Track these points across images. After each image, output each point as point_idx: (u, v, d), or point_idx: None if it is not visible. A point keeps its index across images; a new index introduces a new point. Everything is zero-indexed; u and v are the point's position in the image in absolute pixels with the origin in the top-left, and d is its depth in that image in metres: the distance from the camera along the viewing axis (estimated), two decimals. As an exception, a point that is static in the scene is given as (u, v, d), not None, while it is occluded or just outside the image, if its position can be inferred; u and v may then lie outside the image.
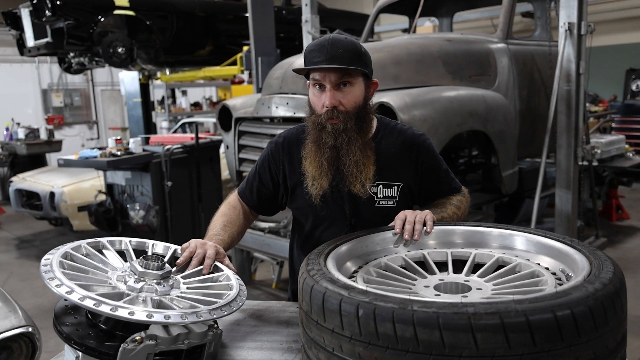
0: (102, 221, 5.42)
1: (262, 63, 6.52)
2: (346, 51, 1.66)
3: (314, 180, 1.75)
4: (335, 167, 1.73)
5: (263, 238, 4.04)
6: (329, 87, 1.68)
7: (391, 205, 1.81)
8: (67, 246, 1.49)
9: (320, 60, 1.66)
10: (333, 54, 1.65)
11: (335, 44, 1.67)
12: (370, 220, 1.79)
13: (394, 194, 1.81)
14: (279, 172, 1.91)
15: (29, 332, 2.12)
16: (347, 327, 1.12)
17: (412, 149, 1.84)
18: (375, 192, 1.80)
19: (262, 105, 3.99)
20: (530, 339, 1.02)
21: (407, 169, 1.83)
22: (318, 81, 1.70)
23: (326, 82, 1.68)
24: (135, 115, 9.45)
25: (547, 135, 4.20)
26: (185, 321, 1.27)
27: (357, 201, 1.80)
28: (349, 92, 1.70)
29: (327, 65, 1.64)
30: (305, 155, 1.78)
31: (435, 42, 4.22)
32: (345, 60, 1.66)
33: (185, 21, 8.00)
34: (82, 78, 13.50)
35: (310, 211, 1.86)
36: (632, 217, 6.74)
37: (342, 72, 1.66)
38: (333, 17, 8.58)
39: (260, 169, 1.95)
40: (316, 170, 1.74)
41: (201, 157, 5.44)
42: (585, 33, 4.12)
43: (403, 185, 1.82)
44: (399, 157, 1.82)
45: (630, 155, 6.25)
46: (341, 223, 1.83)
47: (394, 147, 1.83)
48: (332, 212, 1.82)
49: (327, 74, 1.67)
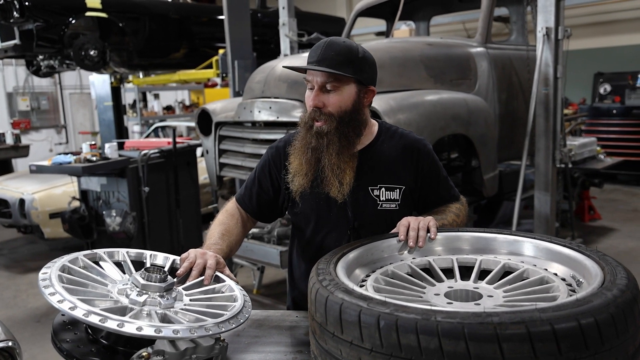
0: (77, 228, 5.27)
1: (238, 66, 6.45)
2: (338, 55, 1.68)
3: (295, 177, 1.78)
4: (315, 168, 1.75)
5: (246, 244, 3.99)
6: (316, 88, 1.71)
7: (394, 209, 1.81)
8: (64, 259, 1.43)
9: (311, 61, 1.70)
10: (324, 56, 1.67)
11: (330, 46, 1.69)
12: (373, 224, 1.80)
13: (396, 197, 1.82)
14: (280, 176, 1.89)
15: (9, 346, 2.04)
16: (368, 339, 1.10)
17: (413, 153, 1.86)
18: (378, 195, 1.80)
19: (244, 110, 3.94)
20: (556, 348, 1.01)
21: (408, 172, 1.84)
22: (309, 81, 1.73)
23: (314, 82, 1.71)
24: (106, 119, 9.24)
25: (527, 138, 4.25)
26: (194, 335, 1.23)
27: (359, 205, 1.79)
28: (334, 96, 1.71)
29: (314, 67, 1.68)
30: (292, 151, 1.81)
31: (416, 46, 4.24)
32: (334, 63, 1.67)
33: (159, 23, 7.86)
34: (50, 81, 13.17)
35: (313, 216, 1.84)
36: (604, 218, 6.88)
37: (328, 74, 1.68)
38: (308, 20, 8.53)
39: (260, 174, 1.94)
40: (297, 167, 1.78)
41: (178, 162, 5.35)
42: (562, 38, 4.18)
43: (405, 189, 1.83)
44: (400, 160, 1.83)
45: (601, 157, 6.40)
46: (344, 227, 1.82)
47: (395, 150, 1.84)
48: (335, 216, 1.81)
49: (314, 76, 1.70)
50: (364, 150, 1.83)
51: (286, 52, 6.11)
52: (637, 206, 7.68)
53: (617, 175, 8.93)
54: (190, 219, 5.57)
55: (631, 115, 8.76)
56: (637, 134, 8.66)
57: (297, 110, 3.64)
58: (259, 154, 3.89)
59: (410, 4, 5.18)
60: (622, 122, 8.82)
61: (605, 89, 9.29)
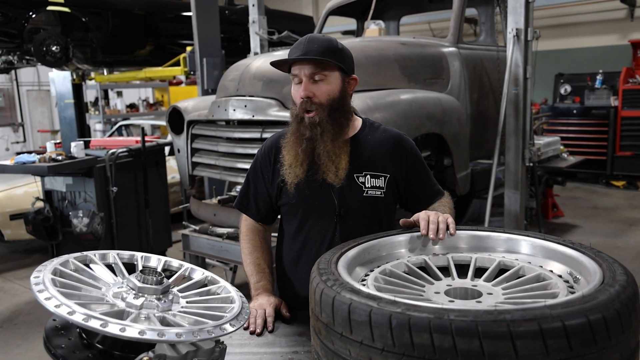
0: (41, 230, 5.09)
1: (207, 64, 6.37)
2: (320, 46, 1.77)
3: (290, 169, 1.83)
4: (310, 157, 1.81)
5: (221, 244, 3.93)
6: (305, 79, 1.78)
7: (379, 196, 1.87)
8: (54, 262, 1.37)
9: (296, 54, 1.77)
10: (309, 49, 1.76)
11: (312, 40, 1.79)
12: (359, 211, 1.86)
13: (381, 185, 1.87)
14: (269, 174, 1.94)
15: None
16: (379, 339, 1.09)
17: (397, 145, 1.92)
18: (364, 181, 1.86)
19: (218, 108, 3.88)
20: (567, 344, 1.02)
21: (394, 162, 1.89)
22: (296, 75, 1.80)
23: (302, 75, 1.78)
24: (67, 117, 8.99)
25: (498, 137, 4.33)
26: (197, 338, 1.20)
27: (345, 191, 1.83)
28: (322, 85, 1.79)
29: (304, 57, 1.75)
30: (284, 145, 1.87)
31: (390, 45, 4.26)
32: (319, 54, 1.76)
33: (124, 19, 7.66)
34: (5, 77, 12.73)
35: (300, 204, 1.88)
36: (566, 215, 7.08)
37: (315, 65, 1.77)
38: (276, 18, 8.47)
39: (254, 178, 1.99)
40: (292, 159, 1.83)
41: (147, 161, 5.24)
42: (532, 39, 4.27)
43: (390, 177, 1.88)
44: (385, 150, 1.89)
45: (565, 156, 6.58)
46: (331, 214, 1.86)
47: (379, 142, 1.90)
48: (321, 203, 1.85)
49: (302, 67, 1.78)
50: (350, 140, 1.89)
51: (256, 50, 6.06)
52: (597, 203, 7.93)
53: (577, 174, 9.20)
54: (159, 219, 5.46)
55: (590, 115, 9.04)
56: (595, 134, 8.94)
57: (273, 109, 3.61)
58: (233, 153, 3.85)
59: (380, 2, 5.21)
60: (581, 121, 9.09)
61: (565, 90, 9.55)
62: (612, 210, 7.52)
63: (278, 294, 2.01)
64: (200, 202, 4.50)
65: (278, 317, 1.80)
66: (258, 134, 3.68)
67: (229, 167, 3.90)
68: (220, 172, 4.00)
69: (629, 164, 8.71)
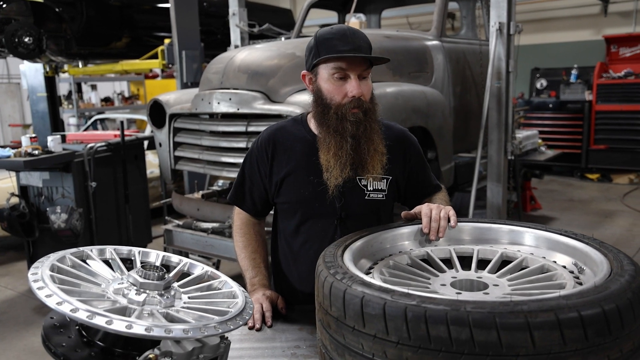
0: (17, 226, 4.95)
1: (186, 57, 6.28)
2: (365, 43, 1.69)
3: (330, 171, 1.72)
4: (352, 156, 1.72)
5: (206, 239, 3.88)
6: (355, 77, 1.67)
7: (380, 199, 1.83)
8: (50, 258, 1.32)
9: (347, 49, 1.65)
10: (358, 44, 1.66)
11: (355, 34, 1.69)
12: (359, 214, 1.81)
13: (383, 187, 1.83)
14: (266, 168, 1.87)
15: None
16: (394, 332, 1.08)
17: (400, 143, 1.87)
18: (366, 184, 1.81)
19: (202, 101, 3.82)
20: (583, 334, 1.02)
21: (396, 162, 1.84)
22: (343, 70, 1.67)
23: (351, 71, 1.66)
24: (39, 111, 8.76)
25: (482, 130, 4.36)
26: (205, 334, 1.17)
27: (347, 194, 1.79)
28: (367, 83, 1.72)
29: (357, 54, 1.64)
30: (321, 146, 1.75)
31: (374, 38, 4.18)
32: (369, 52, 1.68)
33: (98, 10, 7.48)
34: (-27, 70, 12.41)
35: (300, 205, 1.83)
36: (544, 208, 7.18)
37: (367, 63, 1.68)
38: (254, 10, 8.37)
39: (250, 171, 1.93)
40: (334, 160, 1.71)
41: (127, 156, 5.14)
42: (514, 33, 4.30)
43: (392, 179, 1.84)
44: (388, 151, 1.81)
45: (543, 150, 6.66)
46: (331, 217, 1.81)
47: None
48: (322, 205, 1.80)
49: (354, 65, 1.66)
50: None
51: (237, 42, 5.98)
52: (573, 196, 8.07)
53: (552, 167, 9.34)
54: (139, 214, 5.36)
55: (565, 109, 9.18)
56: (570, 127, 9.09)
57: (258, 102, 3.57)
58: (217, 147, 3.79)
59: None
60: (557, 115, 9.23)
61: (541, 84, 9.68)
62: (587, 202, 7.67)
63: (274, 290, 1.98)
64: (183, 196, 4.43)
65: (275, 312, 1.78)
66: (243, 127, 3.63)
67: (213, 161, 3.84)
68: (204, 166, 3.94)
69: (603, 157, 8.88)
